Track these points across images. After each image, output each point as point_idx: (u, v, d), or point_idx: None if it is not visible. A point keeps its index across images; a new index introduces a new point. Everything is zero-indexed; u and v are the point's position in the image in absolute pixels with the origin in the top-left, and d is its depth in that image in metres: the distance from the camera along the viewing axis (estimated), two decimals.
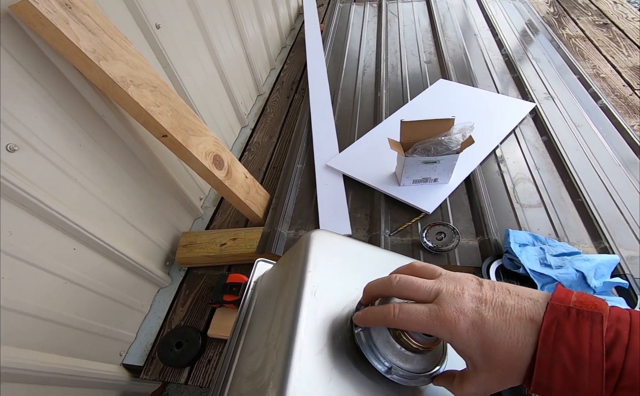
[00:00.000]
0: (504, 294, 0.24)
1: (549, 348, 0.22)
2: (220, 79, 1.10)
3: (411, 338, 0.26)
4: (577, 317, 0.22)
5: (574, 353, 0.21)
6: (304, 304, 0.29)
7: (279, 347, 0.28)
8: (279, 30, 1.64)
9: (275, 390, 0.24)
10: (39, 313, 0.55)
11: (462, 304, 0.24)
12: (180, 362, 0.68)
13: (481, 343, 0.23)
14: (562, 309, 0.22)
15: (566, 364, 0.21)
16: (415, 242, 0.75)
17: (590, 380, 0.21)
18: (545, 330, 0.22)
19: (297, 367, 0.25)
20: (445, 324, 0.24)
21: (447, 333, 0.24)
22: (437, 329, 0.24)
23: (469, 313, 0.24)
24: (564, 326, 0.22)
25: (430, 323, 0.24)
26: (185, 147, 0.66)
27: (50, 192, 0.55)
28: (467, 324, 0.23)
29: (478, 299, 0.24)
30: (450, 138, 0.72)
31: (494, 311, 0.24)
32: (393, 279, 0.27)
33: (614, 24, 1.48)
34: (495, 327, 0.23)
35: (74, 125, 0.59)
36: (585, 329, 0.21)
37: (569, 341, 0.21)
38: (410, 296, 0.26)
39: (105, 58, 0.53)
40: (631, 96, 1.12)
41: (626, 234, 0.71)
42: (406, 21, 1.59)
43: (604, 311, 0.22)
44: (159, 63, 0.80)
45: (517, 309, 0.23)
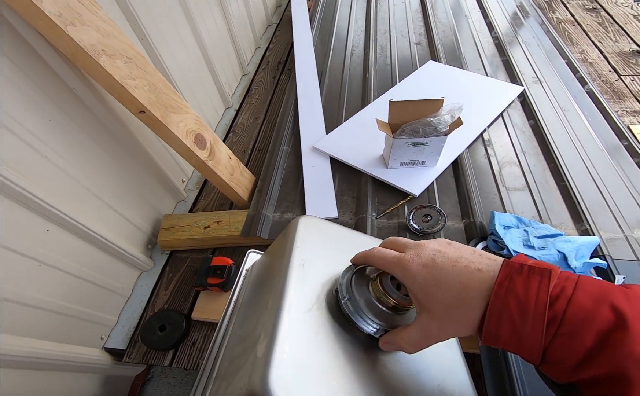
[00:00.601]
0: (467, 252, 0.27)
1: (500, 300, 0.23)
2: (203, 58, 1.05)
3: (389, 295, 0.30)
4: (529, 273, 0.24)
5: (521, 304, 0.23)
6: (292, 272, 0.32)
7: (270, 307, 0.30)
8: (264, 7, 1.58)
9: (266, 340, 0.26)
10: (11, 297, 0.53)
11: (420, 251, 0.28)
12: (164, 345, 0.67)
13: (426, 279, 0.26)
14: (516, 266, 0.24)
15: (513, 315, 0.23)
16: (402, 224, 0.74)
17: (532, 329, 0.22)
18: (499, 283, 0.24)
19: (287, 321, 0.27)
20: (400, 263, 0.28)
21: (400, 270, 0.28)
22: (394, 267, 0.28)
23: (424, 258, 0.27)
24: (515, 281, 0.23)
25: (392, 261, 0.28)
26: (164, 125, 0.63)
27: (18, 170, 0.52)
28: (418, 264, 0.27)
29: (437, 251, 0.27)
30: (439, 119, 0.71)
31: (446, 259, 0.26)
32: (373, 250, 0.31)
33: (603, 9, 1.48)
34: (442, 269, 0.26)
35: (42, 98, 0.55)
36: (534, 283, 0.23)
37: (518, 293, 0.23)
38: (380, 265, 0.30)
39: (73, 23, 0.49)
40: (617, 81, 1.13)
41: (606, 218, 0.72)
42: (396, 1, 1.55)
43: (554, 270, 0.24)
44: (134, 34, 0.76)
45: (468, 261, 0.26)
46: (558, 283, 0.23)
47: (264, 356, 0.25)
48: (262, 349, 0.26)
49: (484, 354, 0.56)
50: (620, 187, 0.78)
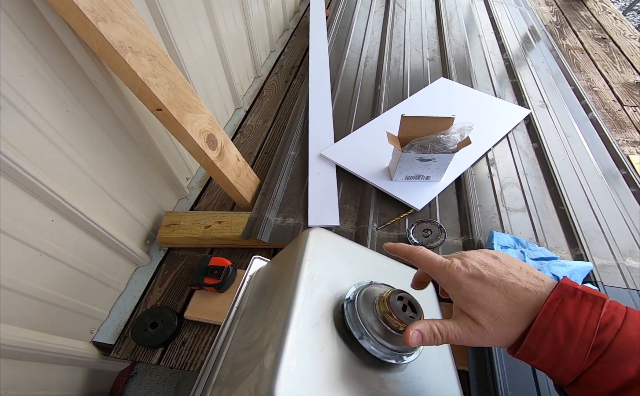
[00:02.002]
0: (514, 267, 0.27)
1: (548, 319, 0.24)
2: (219, 56, 1.07)
3: (395, 317, 0.30)
4: (582, 298, 0.24)
5: (570, 326, 0.23)
6: (301, 285, 0.32)
7: (278, 319, 0.30)
8: (283, 11, 1.61)
9: (274, 353, 0.26)
10: (9, 284, 0.53)
11: (467, 261, 0.28)
12: (154, 342, 0.66)
13: (471, 289, 0.27)
14: (570, 290, 0.25)
15: (559, 335, 0.24)
16: (402, 237, 0.76)
17: (576, 352, 0.23)
18: (549, 303, 0.24)
19: (294, 334, 0.28)
20: (446, 270, 0.28)
21: (445, 277, 0.28)
22: (440, 272, 0.28)
23: (470, 269, 0.27)
24: (567, 303, 0.24)
25: (439, 265, 0.29)
26: (179, 123, 0.65)
27: (32, 159, 0.53)
28: (464, 274, 0.27)
29: (484, 264, 0.28)
30: (449, 137, 0.73)
31: (493, 273, 0.27)
32: (417, 248, 0.32)
33: (611, 40, 1.51)
34: (488, 283, 0.26)
35: (62, 89, 0.56)
36: (585, 309, 0.24)
37: (568, 316, 0.24)
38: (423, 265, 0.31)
39: (104, 19, 0.51)
40: (619, 111, 1.16)
41: (600, 244, 0.74)
42: (413, 15, 1.58)
43: (606, 298, 0.24)
44: (158, 32, 0.77)
45: (515, 278, 0.26)
46: (607, 311, 0.24)
47: (271, 368, 0.25)
48: (269, 361, 0.26)
49: (472, 372, 0.57)
50: (615, 215, 0.80)
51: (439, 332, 0.27)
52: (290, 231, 0.78)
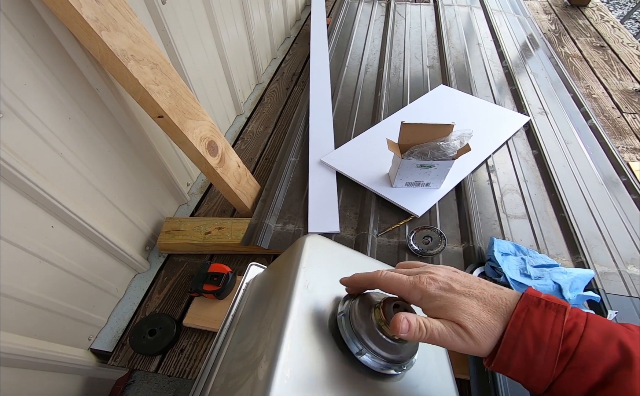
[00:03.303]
0: (474, 281, 0.29)
1: (517, 330, 0.25)
2: (221, 63, 1.09)
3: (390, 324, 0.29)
4: (545, 307, 0.25)
5: (537, 336, 0.24)
6: (296, 294, 0.31)
7: (272, 328, 0.29)
8: (284, 19, 1.63)
9: (268, 363, 0.26)
10: (8, 292, 0.52)
11: (435, 276, 0.29)
12: (152, 350, 0.66)
13: (445, 301, 0.28)
14: (534, 299, 0.26)
15: (528, 345, 0.24)
16: (402, 244, 0.76)
17: (545, 360, 0.24)
18: (517, 314, 0.25)
19: (289, 345, 0.27)
20: (419, 286, 0.29)
21: (418, 293, 0.29)
22: (412, 290, 0.29)
23: (440, 282, 0.29)
24: (533, 313, 0.25)
25: (409, 285, 0.29)
26: (180, 130, 0.65)
27: (33, 165, 0.53)
28: (436, 288, 0.28)
29: (450, 278, 0.29)
30: (448, 144, 0.73)
31: (460, 285, 0.28)
32: (379, 273, 0.31)
33: (610, 47, 1.52)
34: (459, 293, 0.28)
35: (65, 96, 0.57)
36: (549, 318, 0.25)
37: (534, 326, 0.25)
38: (394, 289, 0.30)
39: (107, 29, 0.51)
40: (619, 118, 1.16)
41: (602, 251, 0.74)
42: (413, 24, 1.60)
43: (567, 306, 0.26)
44: (160, 40, 0.79)
45: (480, 289, 0.28)
46: (570, 318, 0.25)
47: (265, 379, 0.25)
48: (263, 372, 0.26)
49: (474, 382, 0.57)
50: (616, 222, 0.80)
51: (425, 327, 0.27)
52: (290, 238, 0.78)
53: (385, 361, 0.30)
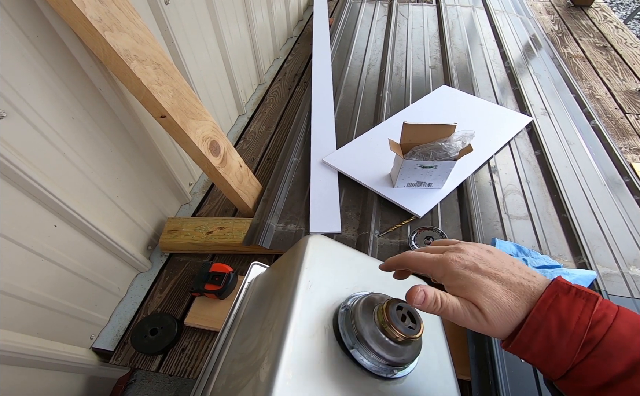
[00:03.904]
0: (506, 262, 0.28)
1: (541, 314, 0.25)
2: (224, 64, 1.09)
3: (395, 328, 0.29)
4: (575, 295, 0.25)
5: (562, 322, 0.24)
6: (299, 295, 0.31)
7: (275, 329, 0.29)
8: (287, 20, 1.63)
9: (270, 364, 0.26)
10: (11, 291, 0.53)
11: (461, 255, 0.29)
12: (153, 349, 0.66)
13: (468, 281, 0.27)
14: (564, 286, 0.25)
15: (552, 330, 0.24)
16: (403, 244, 0.76)
17: (567, 346, 0.24)
18: (544, 299, 0.25)
19: (291, 346, 0.27)
20: (442, 263, 0.28)
21: (441, 270, 0.28)
22: (435, 267, 0.29)
23: (467, 261, 0.28)
24: (561, 300, 0.25)
25: (433, 261, 0.29)
26: (182, 130, 0.66)
27: (37, 165, 0.53)
28: (461, 267, 0.28)
29: (479, 257, 0.28)
30: (450, 144, 0.73)
31: (489, 267, 0.28)
32: (407, 252, 0.32)
33: (613, 48, 1.51)
34: (485, 275, 0.27)
35: (68, 96, 0.57)
36: (578, 305, 0.24)
37: (561, 311, 0.24)
38: (419, 266, 0.31)
39: (110, 29, 0.52)
40: (622, 119, 1.16)
41: (604, 252, 0.74)
42: (415, 24, 1.59)
43: (599, 296, 0.25)
44: (163, 41, 0.79)
45: (509, 273, 0.27)
46: (599, 309, 0.24)
47: (267, 382, 0.25)
48: (264, 374, 0.26)
49: (475, 383, 0.57)
50: (619, 223, 0.80)
51: (441, 300, 0.27)
52: (291, 238, 0.78)
53: (387, 364, 0.30)
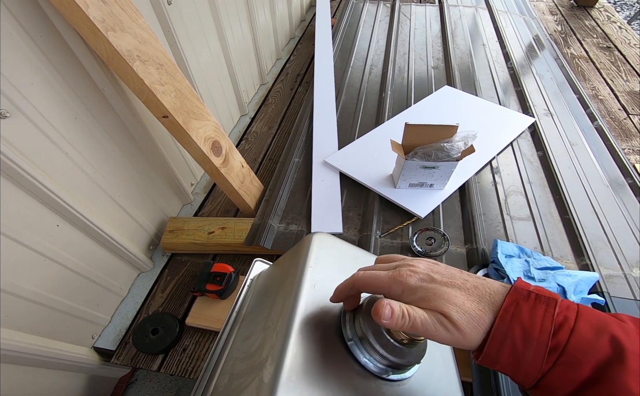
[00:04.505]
0: (455, 271, 0.28)
1: (505, 325, 0.24)
2: (226, 64, 1.09)
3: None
4: (535, 301, 0.24)
5: (526, 331, 0.23)
6: (303, 294, 0.31)
7: (278, 329, 0.29)
8: (289, 20, 1.63)
9: (274, 365, 0.26)
10: (13, 290, 0.53)
11: (415, 268, 0.28)
12: (155, 349, 0.66)
13: (427, 292, 0.26)
14: (524, 292, 0.25)
15: (516, 340, 0.24)
16: (405, 245, 0.76)
17: (534, 356, 0.23)
18: (505, 308, 0.24)
19: (295, 347, 0.27)
20: (398, 280, 0.27)
21: (399, 287, 0.27)
22: (392, 284, 0.28)
23: (421, 273, 0.27)
24: (522, 307, 0.24)
25: (388, 280, 0.28)
26: (185, 130, 0.66)
27: (40, 165, 0.53)
28: (417, 280, 0.27)
29: (430, 269, 0.28)
30: (452, 145, 0.73)
31: (442, 276, 0.27)
32: (356, 275, 0.29)
33: (616, 49, 1.50)
34: (442, 284, 0.27)
35: (71, 96, 0.58)
36: (539, 311, 0.24)
37: (524, 320, 0.24)
38: (373, 288, 0.29)
39: (113, 29, 0.52)
40: (625, 120, 1.15)
41: (607, 254, 0.73)
42: (417, 25, 1.59)
43: (557, 298, 0.24)
44: (166, 41, 0.79)
45: (462, 280, 0.27)
46: (560, 311, 0.24)
47: (270, 382, 0.24)
48: (268, 375, 0.25)
49: (476, 384, 0.57)
50: (622, 224, 0.79)
51: (407, 314, 0.26)
52: (293, 238, 0.79)
53: (392, 365, 0.29)
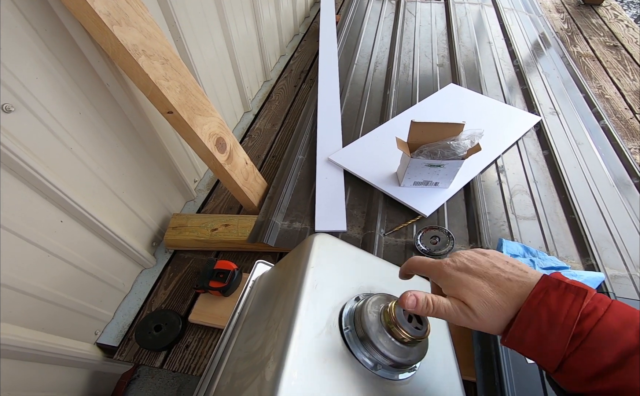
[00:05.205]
0: (498, 261, 0.30)
1: (532, 309, 0.26)
2: (230, 60, 1.08)
3: (401, 328, 0.29)
4: (565, 289, 0.25)
5: (552, 315, 0.25)
6: (305, 294, 0.31)
7: (280, 328, 0.29)
8: (293, 16, 1.62)
9: (275, 365, 0.26)
10: (16, 285, 0.53)
11: (455, 258, 0.31)
12: (157, 346, 0.66)
13: (458, 280, 0.29)
14: (554, 282, 0.26)
15: (542, 323, 0.25)
16: (409, 244, 0.76)
17: (557, 339, 0.24)
18: (534, 294, 0.26)
19: (297, 346, 0.27)
20: (437, 267, 0.31)
21: (436, 272, 0.31)
22: (431, 270, 0.32)
23: (458, 263, 0.31)
24: (550, 294, 0.26)
25: (431, 264, 0.32)
26: (189, 126, 0.65)
27: (44, 160, 0.53)
28: (452, 269, 0.30)
29: (471, 259, 0.31)
30: (458, 143, 0.72)
31: (478, 266, 0.30)
32: (413, 258, 0.35)
33: (623, 47, 1.49)
34: (474, 274, 0.29)
35: (76, 91, 0.57)
36: (568, 299, 0.25)
37: (551, 305, 0.25)
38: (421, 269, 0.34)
39: (119, 23, 0.51)
40: (632, 119, 1.14)
41: (612, 254, 0.73)
42: (423, 22, 1.58)
43: (590, 290, 0.25)
44: (171, 35, 0.79)
45: (499, 270, 0.29)
46: (591, 302, 0.25)
47: (272, 381, 0.25)
48: (270, 373, 0.26)
49: (480, 384, 0.56)
50: (628, 224, 0.79)
51: (432, 302, 0.29)
52: (296, 236, 0.78)
53: (393, 364, 0.30)
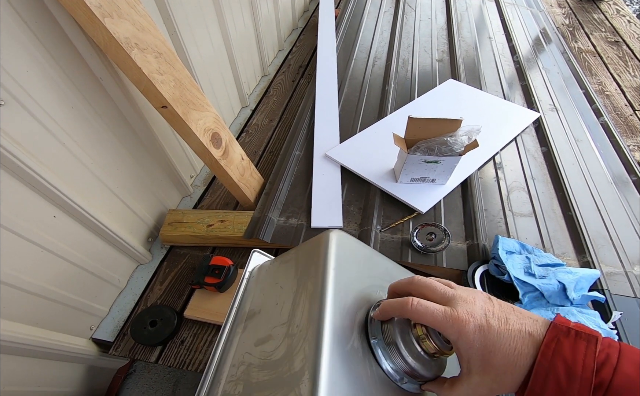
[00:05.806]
0: (509, 310, 0.28)
1: (547, 360, 0.25)
2: (227, 54, 1.07)
3: (433, 340, 0.28)
4: (576, 337, 0.25)
5: (569, 367, 0.24)
6: (330, 299, 0.30)
7: (309, 338, 0.28)
8: (292, 10, 1.61)
9: (311, 383, 0.25)
10: (11, 281, 0.53)
11: (473, 309, 0.27)
12: (153, 341, 0.66)
13: (483, 345, 0.26)
14: (563, 329, 0.25)
15: (560, 376, 0.24)
16: (405, 240, 0.76)
17: (579, 393, 0.23)
18: (546, 344, 0.25)
19: (330, 359, 0.26)
20: (456, 323, 0.26)
21: (455, 332, 0.27)
22: (448, 326, 0.27)
23: (478, 318, 0.27)
24: (563, 343, 0.25)
25: (444, 319, 0.27)
26: (184, 121, 0.65)
27: (35, 155, 0.53)
28: (474, 327, 0.26)
29: (486, 310, 0.27)
30: (456, 139, 0.72)
31: (499, 321, 0.27)
32: (414, 279, 0.31)
33: (625, 43, 1.47)
34: (499, 334, 0.26)
35: (68, 85, 0.57)
36: (581, 348, 0.24)
37: (566, 356, 0.24)
38: (428, 294, 0.29)
39: (110, 15, 0.51)
40: (631, 116, 1.13)
41: (608, 251, 0.73)
42: (423, 16, 1.56)
43: (598, 336, 0.25)
44: (165, 29, 0.78)
45: (518, 324, 0.26)
46: (602, 349, 0.24)
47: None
48: (307, 391, 0.25)
49: None
50: (624, 222, 0.79)
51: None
52: (292, 232, 0.78)
53: (420, 378, 0.29)
